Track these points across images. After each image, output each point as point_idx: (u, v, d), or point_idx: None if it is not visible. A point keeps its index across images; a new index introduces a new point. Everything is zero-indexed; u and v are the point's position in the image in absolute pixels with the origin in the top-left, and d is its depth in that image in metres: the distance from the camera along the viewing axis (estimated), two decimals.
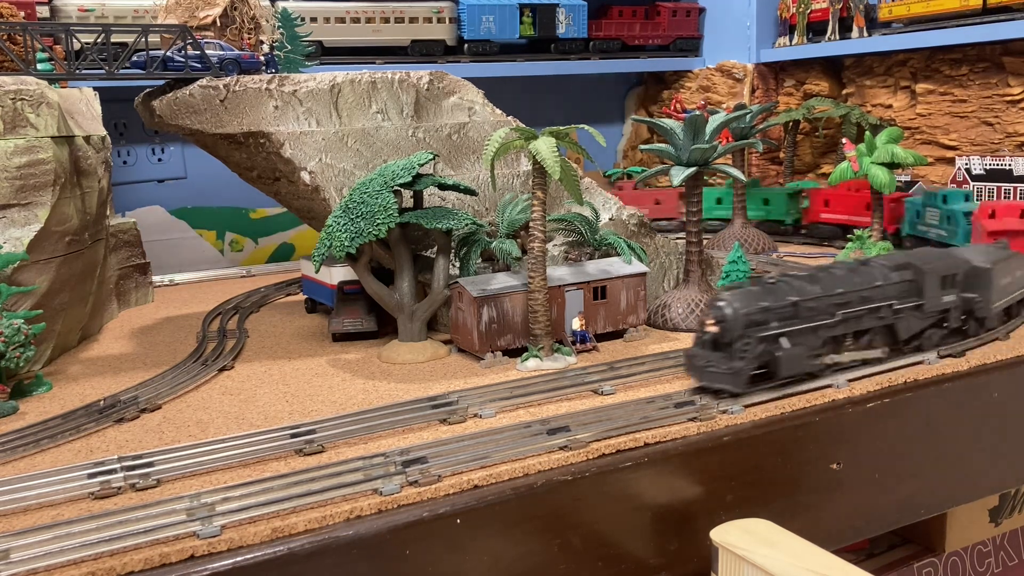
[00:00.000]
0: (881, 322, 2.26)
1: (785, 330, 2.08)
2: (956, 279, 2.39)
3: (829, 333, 2.16)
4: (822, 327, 2.14)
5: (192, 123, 2.73)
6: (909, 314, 2.30)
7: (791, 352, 2.07)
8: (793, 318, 2.10)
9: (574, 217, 2.86)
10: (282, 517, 1.58)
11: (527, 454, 1.81)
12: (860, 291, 2.20)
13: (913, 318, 2.31)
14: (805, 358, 2.11)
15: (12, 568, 1.42)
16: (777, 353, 2.06)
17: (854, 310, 2.19)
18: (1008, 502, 3.06)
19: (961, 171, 3.93)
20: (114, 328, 3.12)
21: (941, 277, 2.34)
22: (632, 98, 5.58)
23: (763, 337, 2.04)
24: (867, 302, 2.21)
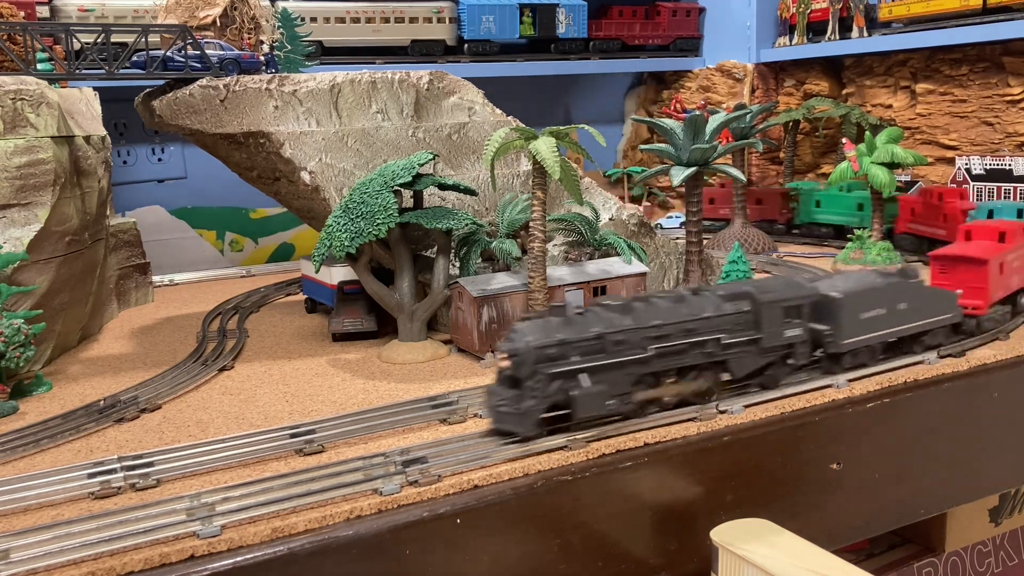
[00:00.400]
0: (709, 358, 2.02)
1: (586, 366, 1.86)
2: (802, 310, 2.13)
3: (641, 370, 1.93)
4: (632, 363, 1.91)
5: (192, 123, 2.73)
6: (743, 349, 2.06)
7: (589, 391, 1.84)
8: (598, 352, 1.88)
9: (574, 217, 2.86)
10: (282, 517, 1.58)
11: (527, 454, 1.81)
12: (682, 323, 1.97)
13: (748, 354, 2.07)
14: (609, 397, 1.88)
15: (12, 568, 1.42)
16: (573, 392, 1.83)
17: (672, 344, 1.96)
18: (1008, 502, 3.06)
19: (961, 171, 3.94)
20: (114, 328, 3.12)
21: (783, 308, 2.09)
22: (632, 98, 5.58)
23: (557, 374, 1.83)
24: (690, 335, 1.98)
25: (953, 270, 2.50)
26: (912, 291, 2.32)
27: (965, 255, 2.49)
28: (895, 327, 2.29)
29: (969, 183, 3.90)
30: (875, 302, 2.23)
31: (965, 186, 3.90)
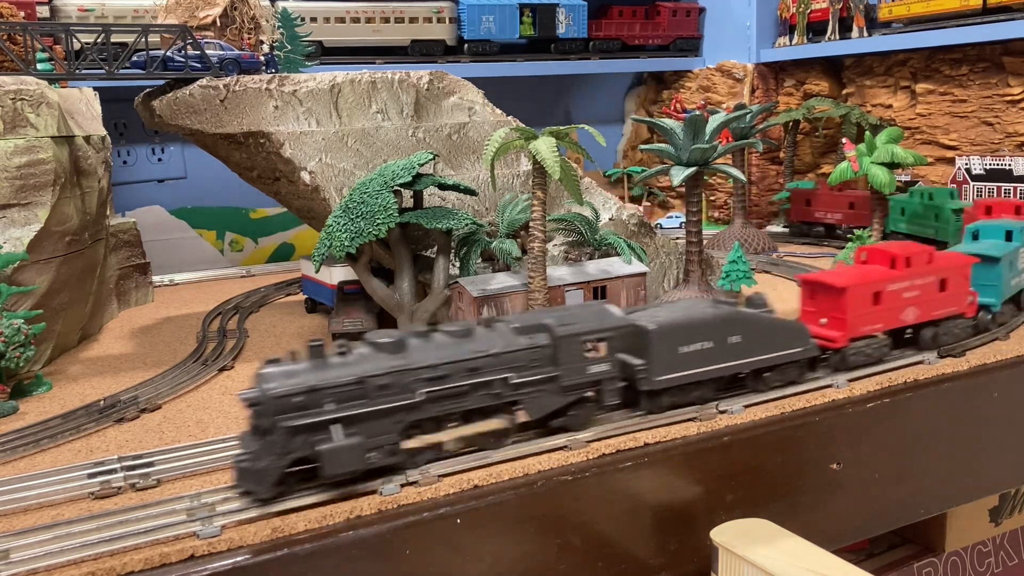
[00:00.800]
0: (498, 399, 1.80)
1: (339, 415, 1.63)
2: (611, 344, 1.91)
3: (412, 416, 1.71)
4: (399, 409, 1.70)
5: (192, 123, 2.73)
6: (538, 388, 1.84)
7: (340, 446, 1.59)
8: (357, 399, 1.66)
9: (574, 217, 2.86)
10: (282, 517, 1.58)
11: (527, 454, 1.81)
12: (463, 362, 1.75)
13: (546, 393, 1.85)
14: (369, 449, 1.65)
15: (12, 568, 1.42)
16: (320, 447, 1.59)
17: (449, 387, 1.74)
18: (1008, 502, 3.06)
19: (961, 171, 3.94)
20: (114, 328, 3.12)
21: (584, 343, 1.88)
22: (632, 98, 5.58)
23: (301, 426, 1.60)
24: (473, 375, 1.76)
25: (817, 297, 2.28)
26: (748, 323, 2.07)
27: (825, 282, 2.24)
28: (725, 362, 2.05)
29: (969, 183, 3.90)
30: (699, 335, 2.00)
31: (952, 185, 3.91)
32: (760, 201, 4.95)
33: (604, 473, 1.81)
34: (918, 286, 2.33)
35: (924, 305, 2.35)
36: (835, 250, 3.89)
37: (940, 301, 2.38)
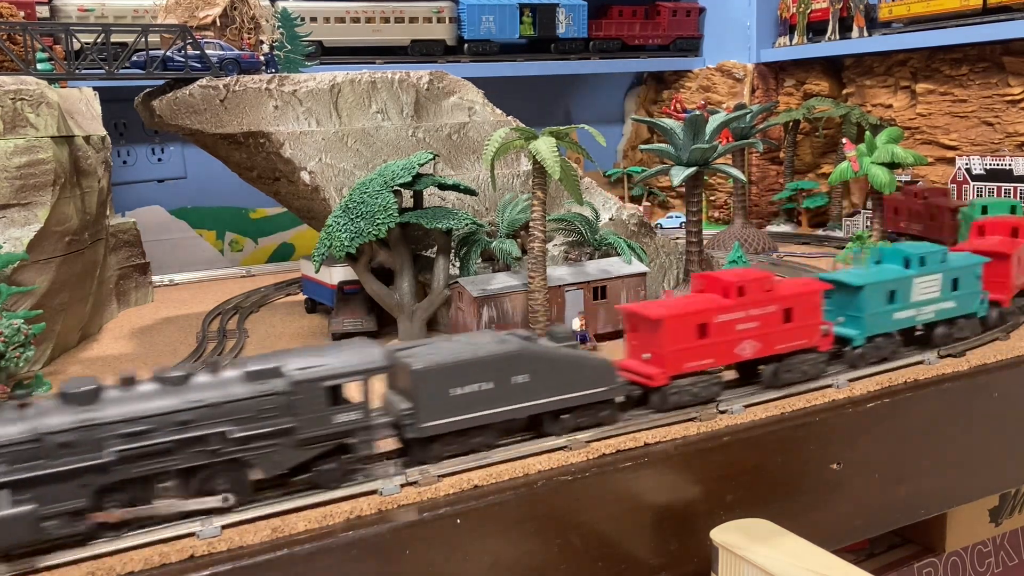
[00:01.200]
0: (217, 457, 1.55)
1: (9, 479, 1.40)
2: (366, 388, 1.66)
3: (102, 479, 1.47)
4: (86, 471, 1.45)
5: (192, 123, 2.73)
6: (271, 443, 1.59)
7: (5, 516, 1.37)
8: (33, 459, 1.42)
9: (574, 217, 2.86)
10: (282, 517, 1.58)
11: (527, 454, 1.81)
12: (168, 415, 1.51)
13: (281, 447, 1.60)
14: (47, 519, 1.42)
15: (12, 568, 1.42)
16: None
17: (147, 444, 1.49)
18: (1008, 502, 3.05)
19: (961, 171, 3.94)
20: (114, 328, 3.12)
21: (329, 388, 1.62)
22: (632, 98, 5.58)
23: None
24: (183, 429, 1.52)
25: (639, 330, 2.05)
26: (537, 361, 1.82)
27: (642, 313, 2.02)
28: (508, 405, 1.80)
29: (969, 183, 3.90)
30: (476, 374, 1.76)
31: (952, 186, 3.89)
32: (760, 201, 4.95)
33: (604, 473, 1.81)
34: (756, 316, 2.08)
35: (765, 338, 2.10)
36: (835, 250, 3.89)
37: (785, 333, 2.11)
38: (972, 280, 2.42)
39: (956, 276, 2.38)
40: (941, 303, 2.38)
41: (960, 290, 2.39)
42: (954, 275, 2.38)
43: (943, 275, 2.36)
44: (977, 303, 2.45)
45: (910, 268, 2.32)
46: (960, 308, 2.41)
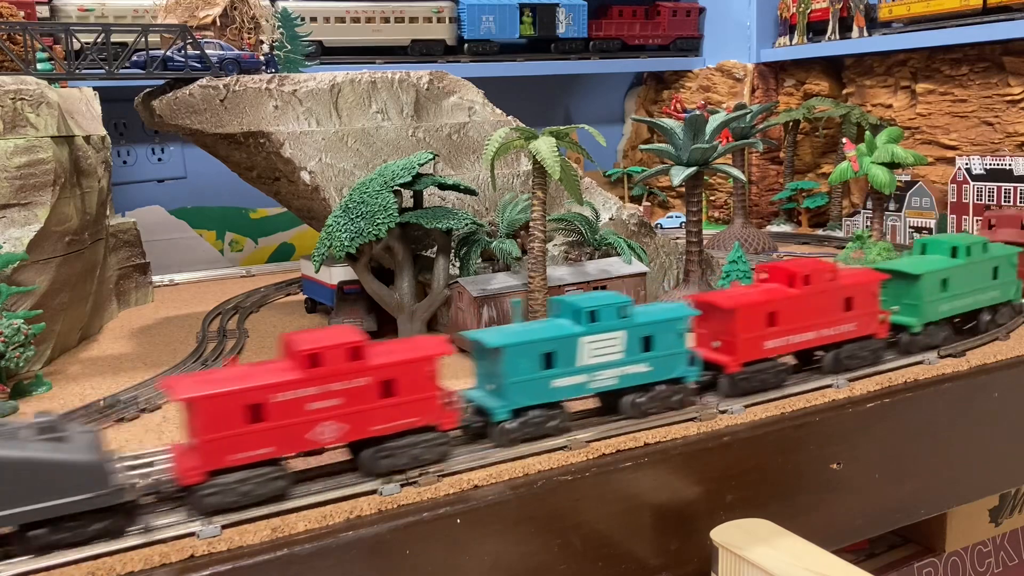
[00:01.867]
0: None
1: None
2: None
3: None
4: None
5: (192, 123, 2.73)
6: None
7: None
8: None
9: (574, 217, 2.86)
10: (282, 517, 1.58)
11: (527, 454, 1.81)
12: None
13: None
14: None
15: (12, 568, 1.42)
16: None
17: None
18: (1008, 502, 3.05)
19: (961, 171, 3.94)
20: (114, 328, 3.12)
21: None
22: (632, 98, 5.58)
23: None
24: None
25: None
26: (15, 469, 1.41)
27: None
28: None
29: (969, 183, 3.90)
30: None
31: (952, 186, 3.88)
32: (760, 201, 4.95)
33: (604, 473, 1.81)
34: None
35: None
36: (835, 250, 3.89)
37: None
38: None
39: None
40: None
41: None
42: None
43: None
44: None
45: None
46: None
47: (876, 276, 2.26)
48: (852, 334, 2.21)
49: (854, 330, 2.21)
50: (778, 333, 2.10)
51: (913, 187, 4.12)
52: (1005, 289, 2.55)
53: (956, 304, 2.43)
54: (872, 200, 3.55)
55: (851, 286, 2.19)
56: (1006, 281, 2.54)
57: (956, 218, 3.96)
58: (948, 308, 2.41)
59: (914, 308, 2.33)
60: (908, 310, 2.33)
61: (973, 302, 2.47)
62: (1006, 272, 2.53)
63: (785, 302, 2.11)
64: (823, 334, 2.17)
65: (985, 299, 2.50)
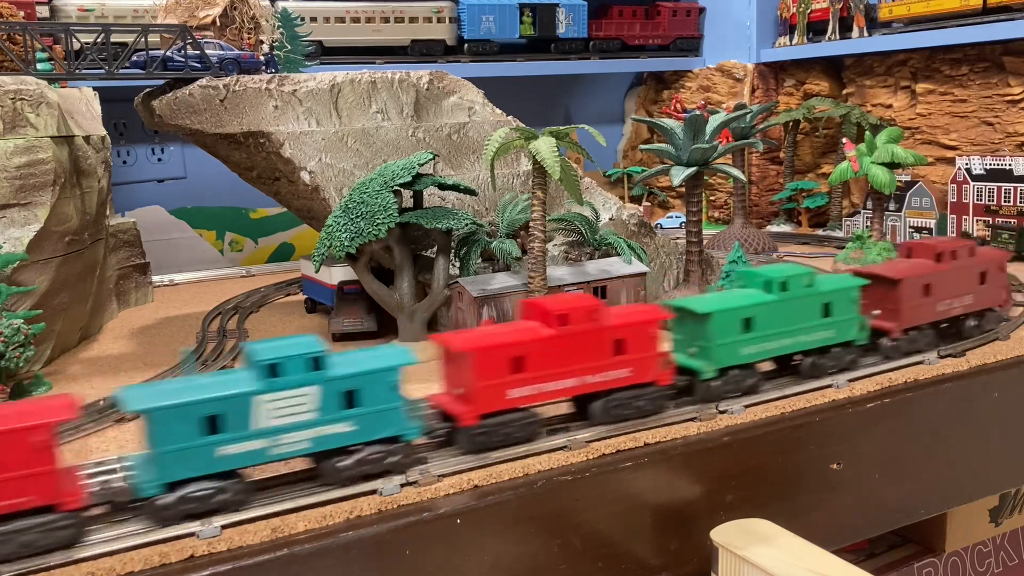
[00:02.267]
0: None
1: None
2: None
3: None
4: None
5: (192, 123, 2.72)
6: None
7: None
8: None
9: (574, 217, 2.86)
10: (282, 517, 1.58)
11: (527, 454, 1.81)
12: None
13: None
14: None
15: (12, 568, 1.42)
16: None
17: None
18: (1008, 502, 3.06)
19: (961, 171, 3.94)
20: (114, 328, 3.12)
21: None
22: (632, 98, 5.58)
23: None
24: None
25: None
26: None
27: None
28: None
29: (969, 183, 3.90)
30: None
31: (952, 186, 3.90)
32: (760, 201, 4.95)
33: (604, 473, 1.81)
34: None
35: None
36: (835, 250, 3.89)
37: None
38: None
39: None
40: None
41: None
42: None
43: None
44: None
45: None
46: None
47: (655, 315, 1.97)
48: (626, 380, 1.90)
49: (629, 376, 1.90)
50: (526, 380, 1.80)
51: (913, 187, 4.12)
52: (843, 328, 2.19)
53: (767, 347, 2.09)
54: (872, 200, 3.55)
55: (622, 326, 1.89)
56: (843, 319, 2.18)
57: (956, 218, 3.96)
58: (755, 351, 2.07)
59: (706, 351, 2.02)
60: (702, 353, 2.03)
61: (794, 344, 2.13)
62: (843, 309, 2.17)
63: (535, 345, 1.81)
64: (586, 381, 1.87)
65: (812, 340, 2.15)
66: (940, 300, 2.38)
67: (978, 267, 2.44)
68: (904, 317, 2.30)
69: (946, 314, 2.41)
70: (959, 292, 2.42)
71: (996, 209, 3.79)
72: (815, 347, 2.17)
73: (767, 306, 2.08)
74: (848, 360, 2.23)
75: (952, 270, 2.39)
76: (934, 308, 2.38)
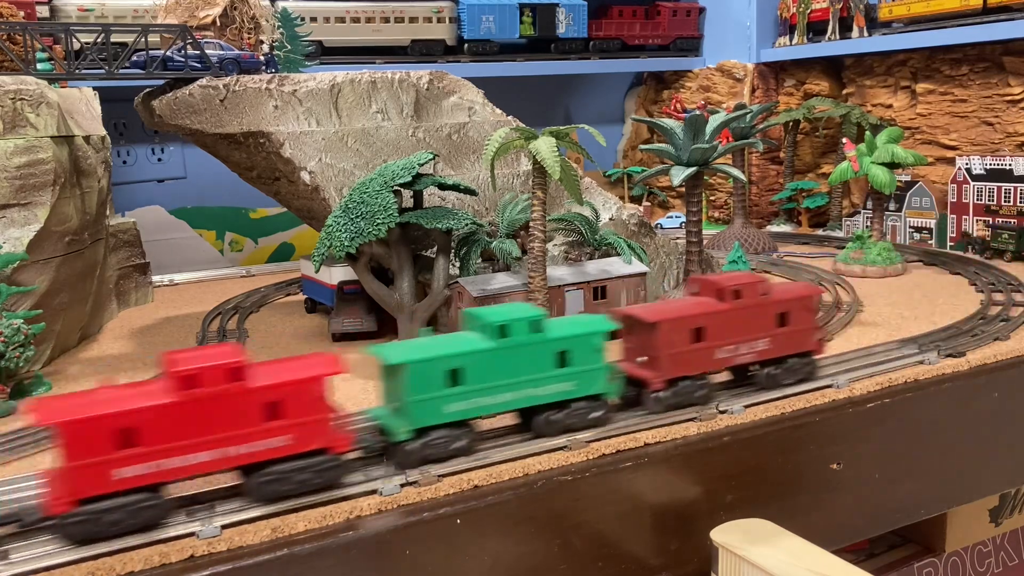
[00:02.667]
0: None
1: None
2: None
3: None
4: None
5: (192, 123, 2.72)
6: None
7: None
8: None
9: (574, 217, 2.86)
10: (282, 517, 1.58)
11: (527, 454, 1.81)
12: None
13: None
14: None
15: (12, 568, 1.42)
16: None
17: None
18: (1008, 502, 3.06)
19: (961, 171, 3.94)
20: (114, 328, 3.12)
21: None
22: (632, 98, 5.58)
23: None
24: None
25: None
26: None
27: None
28: None
29: (970, 183, 3.90)
30: None
31: (952, 186, 3.90)
32: (760, 201, 4.95)
33: (604, 473, 1.81)
34: None
35: None
36: (835, 250, 3.89)
37: None
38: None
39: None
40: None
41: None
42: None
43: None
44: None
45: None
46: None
47: (321, 369, 1.64)
48: (288, 450, 1.61)
49: (291, 444, 1.60)
50: (139, 458, 1.50)
51: (913, 187, 4.12)
52: (585, 380, 1.87)
53: (482, 402, 1.78)
54: (872, 200, 3.55)
55: (274, 388, 1.59)
56: (585, 369, 1.86)
57: (956, 218, 3.96)
58: (465, 408, 1.76)
59: (403, 408, 1.74)
60: (399, 411, 1.75)
61: (520, 398, 1.82)
62: (585, 358, 1.85)
63: (149, 414, 1.50)
64: (228, 454, 1.56)
65: (544, 394, 1.84)
66: (720, 346, 2.02)
67: (775, 308, 2.07)
68: (665, 366, 1.95)
69: (729, 362, 2.05)
70: (747, 337, 2.05)
71: (996, 209, 3.79)
72: (550, 401, 1.85)
73: (480, 355, 1.77)
74: (594, 417, 1.89)
75: (736, 311, 2.03)
76: (711, 356, 2.02)
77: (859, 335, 2.64)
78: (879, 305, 2.99)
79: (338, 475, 1.67)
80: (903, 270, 3.51)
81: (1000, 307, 2.85)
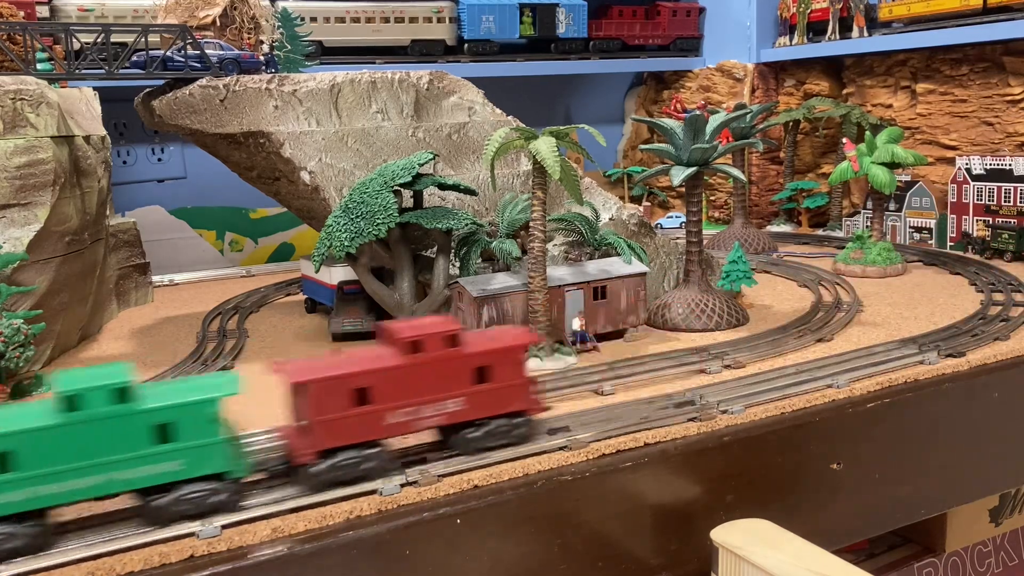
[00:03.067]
0: None
1: None
2: None
3: None
4: None
5: (192, 123, 2.72)
6: None
7: None
8: None
9: (574, 217, 2.85)
10: (282, 517, 1.58)
11: (527, 454, 1.81)
12: None
13: None
14: None
15: (12, 568, 1.42)
16: None
17: None
18: (1008, 502, 3.06)
19: (961, 171, 3.94)
20: (114, 328, 3.12)
21: None
22: (632, 98, 5.58)
23: None
24: None
25: None
26: None
27: None
28: None
29: (970, 183, 3.90)
30: None
31: (952, 186, 3.90)
32: (760, 201, 4.95)
33: (604, 473, 1.81)
34: None
35: None
36: (835, 250, 3.89)
37: None
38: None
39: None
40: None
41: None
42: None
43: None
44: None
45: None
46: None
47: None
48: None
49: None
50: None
51: (913, 187, 4.12)
52: (199, 457, 1.56)
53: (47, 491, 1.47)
54: (872, 200, 3.55)
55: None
56: (197, 445, 1.56)
57: (956, 218, 3.96)
58: (21, 499, 1.45)
59: None
60: None
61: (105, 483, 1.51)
62: (195, 432, 1.56)
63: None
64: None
65: (139, 477, 1.53)
66: (392, 409, 1.69)
67: (471, 361, 1.76)
68: (318, 435, 1.63)
69: (409, 427, 1.73)
70: (432, 397, 1.73)
71: (996, 209, 3.79)
72: (152, 485, 1.54)
73: (38, 434, 1.46)
74: (218, 500, 1.57)
75: (415, 367, 1.71)
76: (380, 421, 1.69)
77: (859, 335, 2.64)
78: (879, 305, 2.99)
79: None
80: (903, 270, 3.51)
81: (1000, 307, 2.85)
